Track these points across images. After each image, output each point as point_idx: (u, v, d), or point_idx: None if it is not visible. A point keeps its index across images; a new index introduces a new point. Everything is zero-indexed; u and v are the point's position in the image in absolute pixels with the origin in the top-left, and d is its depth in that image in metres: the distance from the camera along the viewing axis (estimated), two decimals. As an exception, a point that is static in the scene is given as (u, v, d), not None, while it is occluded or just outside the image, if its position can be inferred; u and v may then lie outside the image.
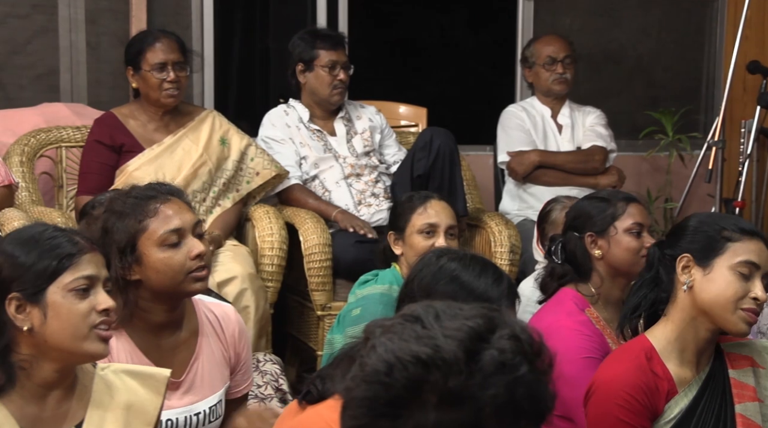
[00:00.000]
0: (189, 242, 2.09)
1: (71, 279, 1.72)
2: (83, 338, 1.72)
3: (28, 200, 3.46)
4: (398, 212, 2.96)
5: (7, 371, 1.71)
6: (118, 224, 2.07)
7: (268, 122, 3.81)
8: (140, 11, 4.15)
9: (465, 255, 1.95)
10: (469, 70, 5.15)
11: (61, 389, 1.76)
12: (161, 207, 2.08)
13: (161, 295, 2.10)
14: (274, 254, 3.42)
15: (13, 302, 1.71)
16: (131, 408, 1.81)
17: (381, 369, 1.10)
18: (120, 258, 2.05)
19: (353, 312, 2.80)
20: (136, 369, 1.88)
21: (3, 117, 3.85)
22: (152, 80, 3.43)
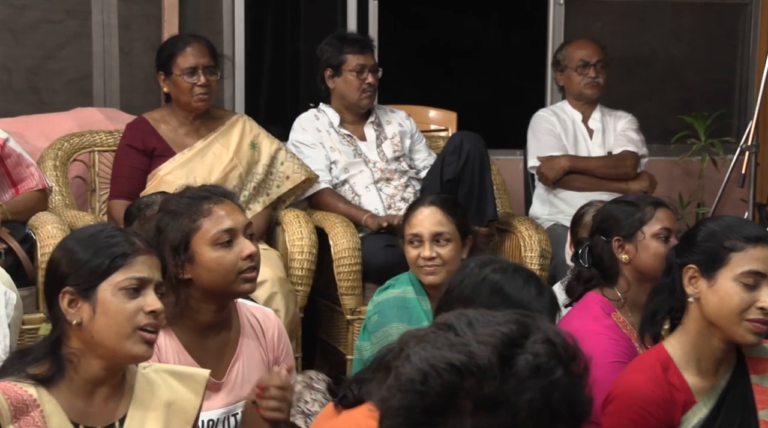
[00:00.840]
0: (240, 243, 2.13)
1: (122, 278, 1.75)
2: (126, 337, 1.75)
3: (62, 203, 3.50)
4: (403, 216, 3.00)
5: (57, 362, 1.75)
6: (172, 223, 2.11)
7: (298, 126, 3.83)
8: (172, 16, 4.18)
9: (508, 267, 1.92)
10: (499, 74, 5.14)
11: (108, 386, 1.79)
12: (214, 208, 2.12)
13: (211, 294, 2.13)
14: (304, 258, 3.43)
15: (67, 296, 1.75)
16: (171, 406, 1.84)
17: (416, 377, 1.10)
18: (173, 257, 2.09)
19: (372, 319, 2.84)
20: (176, 369, 1.91)
21: (37, 122, 3.90)
22: (183, 85, 3.45)
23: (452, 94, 4.87)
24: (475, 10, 5.08)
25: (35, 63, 4.12)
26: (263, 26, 4.63)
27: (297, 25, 4.77)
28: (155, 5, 4.20)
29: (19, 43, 4.08)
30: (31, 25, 4.08)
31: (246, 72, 4.40)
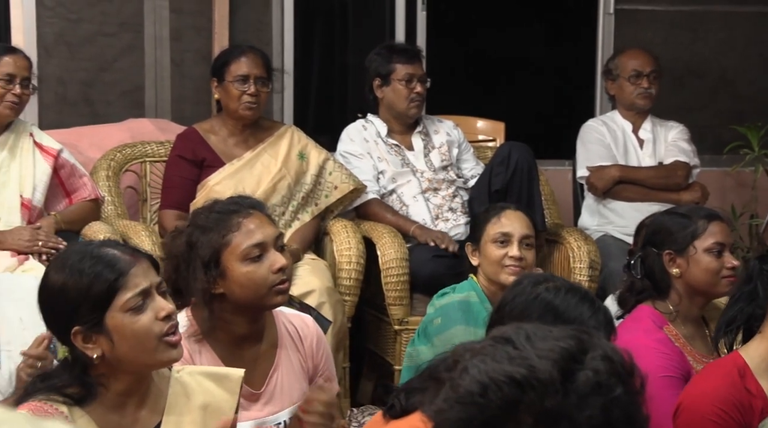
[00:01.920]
0: (271, 256, 2.11)
1: (126, 299, 1.72)
2: (154, 350, 1.74)
3: (114, 213, 3.55)
4: (475, 223, 2.97)
5: (87, 387, 1.73)
6: (202, 238, 2.10)
7: (346, 136, 3.84)
8: (222, 28, 4.23)
9: (562, 286, 1.90)
10: (547, 84, 5.12)
11: (139, 395, 1.79)
12: (243, 221, 2.11)
13: (244, 308, 2.13)
14: (352, 268, 3.43)
15: (78, 335, 1.72)
16: (208, 408, 1.82)
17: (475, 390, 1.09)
18: (204, 272, 2.08)
19: (435, 322, 2.80)
20: (210, 370, 1.90)
21: (91, 132, 3.96)
22: (233, 91, 3.49)
23: (500, 105, 4.86)
24: (524, 20, 5.07)
25: (89, 75, 4.18)
26: (312, 38, 4.66)
27: (345, 36, 4.80)
28: (206, 18, 4.26)
29: (74, 55, 4.15)
30: (86, 38, 4.15)
31: (295, 83, 4.43)
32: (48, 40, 4.09)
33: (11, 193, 3.12)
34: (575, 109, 4.87)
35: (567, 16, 5.09)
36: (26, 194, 3.17)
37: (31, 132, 3.29)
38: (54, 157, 3.28)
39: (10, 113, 3.21)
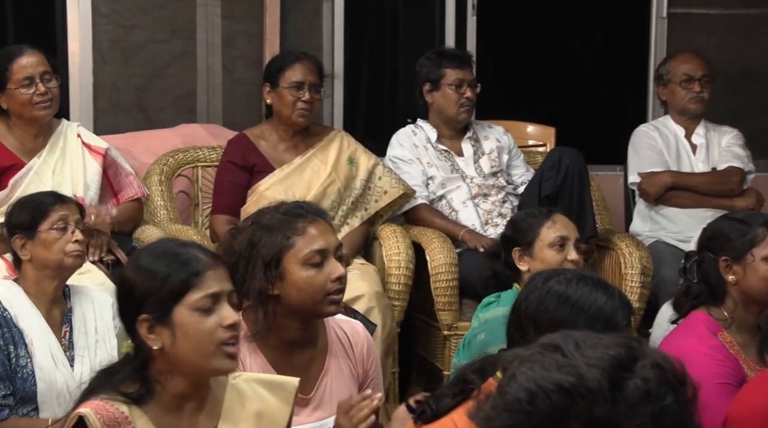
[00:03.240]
0: (331, 264, 2.13)
1: (196, 298, 1.74)
2: (211, 355, 1.75)
3: (166, 218, 3.59)
4: (522, 227, 2.89)
5: (145, 383, 1.77)
6: (266, 238, 2.11)
7: (395, 141, 3.85)
8: (273, 34, 4.26)
9: (573, 276, 1.90)
10: (599, 89, 5.08)
11: (196, 400, 1.80)
12: (308, 226, 2.13)
13: (298, 312, 2.14)
14: (401, 273, 3.44)
15: (144, 323, 1.76)
16: (262, 416, 1.84)
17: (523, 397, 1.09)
18: (264, 272, 2.09)
19: (478, 338, 2.77)
20: (266, 378, 1.91)
21: (144, 138, 4.02)
22: (287, 98, 3.51)
23: (551, 110, 4.83)
24: (575, 24, 5.03)
25: (143, 81, 4.24)
26: (362, 43, 4.68)
27: (395, 41, 4.81)
28: (257, 24, 4.30)
29: (129, 62, 4.21)
30: (140, 44, 4.21)
31: (344, 88, 4.45)
32: (103, 46, 4.16)
33: (66, 194, 3.16)
34: (627, 114, 4.82)
35: (619, 20, 5.04)
36: (79, 194, 3.19)
37: (79, 133, 3.31)
38: (102, 156, 3.30)
39: (47, 113, 3.19)
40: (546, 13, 4.97)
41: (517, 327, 1.89)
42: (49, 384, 2.48)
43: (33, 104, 3.15)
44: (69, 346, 2.56)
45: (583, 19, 5.05)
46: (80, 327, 2.58)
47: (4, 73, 3.14)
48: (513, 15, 4.92)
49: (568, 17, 5.02)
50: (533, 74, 5.01)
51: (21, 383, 2.45)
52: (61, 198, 2.63)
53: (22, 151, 3.20)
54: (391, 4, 4.81)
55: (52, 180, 3.18)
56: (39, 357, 2.48)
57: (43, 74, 3.16)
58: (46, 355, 2.49)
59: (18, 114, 3.18)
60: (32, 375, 2.46)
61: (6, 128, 3.21)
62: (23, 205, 2.61)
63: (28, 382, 2.46)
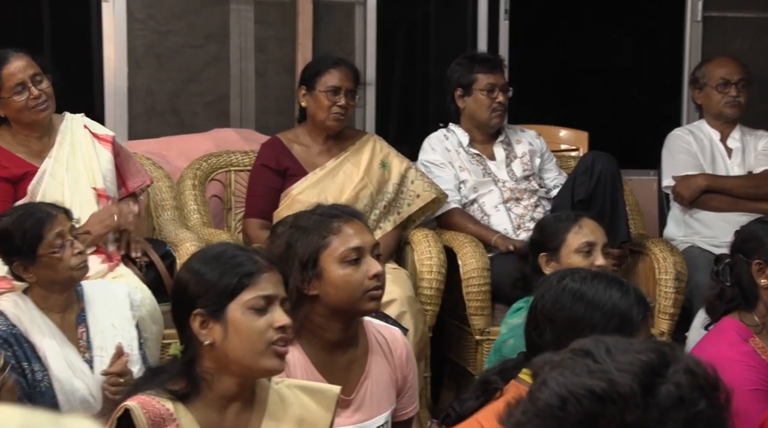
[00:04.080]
0: (368, 262, 2.15)
1: (250, 297, 1.79)
2: (260, 354, 1.79)
3: (199, 222, 3.61)
4: (549, 232, 2.87)
5: (192, 381, 1.80)
6: (302, 239, 2.15)
7: (428, 146, 3.85)
8: (306, 39, 4.28)
9: (587, 274, 1.92)
10: (632, 92, 5.05)
11: (241, 401, 1.83)
12: (344, 226, 2.16)
13: (337, 312, 2.16)
14: (433, 277, 3.44)
15: (198, 318, 1.80)
16: (303, 422, 1.86)
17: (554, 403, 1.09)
18: (301, 272, 2.12)
19: (508, 343, 2.77)
20: (308, 385, 1.93)
21: (178, 142, 4.05)
22: (323, 102, 3.52)
23: (583, 114, 4.81)
24: (609, 28, 5.01)
25: (177, 86, 4.28)
26: (394, 48, 4.69)
27: (427, 46, 4.81)
28: (290, 29, 4.32)
29: (163, 67, 4.25)
30: (174, 49, 4.25)
31: (376, 93, 4.46)
32: (138, 52, 4.20)
33: (84, 188, 3.13)
34: (661, 118, 4.79)
35: (654, 23, 5.02)
36: (99, 185, 3.17)
37: (85, 124, 3.27)
38: (111, 143, 3.27)
39: (45, 115, 3.14)
40: (579, 16, 4.95)
41: (534, 326, 1.90)
42: (69, 394, 2.46)
43: (29, 109, 3.10)
44: (87, 347, 2.54)
45: (617, 22, 5.03)
46: (95, 326, 2.55)
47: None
48: (546, 19, 4.91)
49: (602, 21, 5.00)
50: (566, 78, 4.99)
51: (40, 397, 2.43)
52: (48, 214, 2.51)
53: (31, 155, 3.17)
54: (423, 8, 4.82)
55: (67, 177, 3.15)
56: (55, 369, 2.45)
57: (33, 77, 3.10)
58: (61, 366, 2.46)
59: (17, 120, 3.15)
60: (50, 388, 2.44)
61: (10, 135, 3.18)
62: (14, 232, 2.48)
63: (47, 395, 2.44)
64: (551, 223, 2.90)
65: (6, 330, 2.43)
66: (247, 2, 4.29)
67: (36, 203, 2.70)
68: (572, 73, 4.98)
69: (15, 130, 3.18)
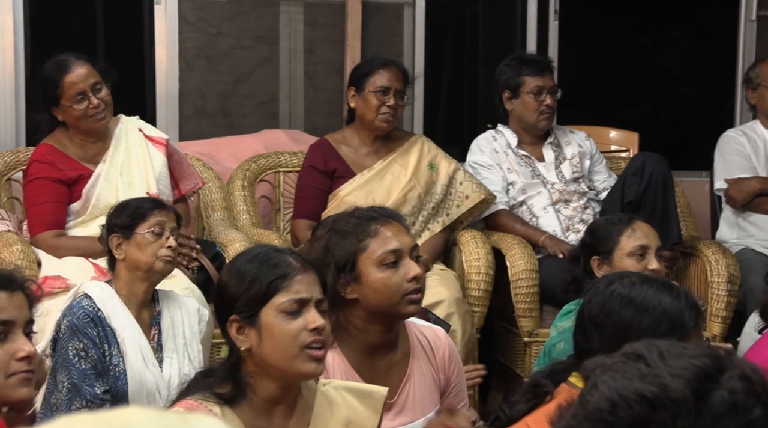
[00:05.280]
0: (406, 264, 2.13)
1: (283, 301, 1.78)
2: (294, 357, 1.78)
3: (248, 222, 3.64)
4: (601, 235, 2.82)
5: (237, 384, 1.80)
6: (340, 242, 2.14)
7: (476, 147, 3.84)
8: (355, 41, 4.30)
9: (637, 278, 1.88)
10: (684, 93, 4.98)
11: (286, 404, 1.83)
12: (381, 228, 2.14)
13: (377, 315, 2.15)
14: (481, 279, 3.43)
15: (234, 324, 1.80)
16: (350, 424, 1.86)
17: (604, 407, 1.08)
18: (338, 275, 2.12)
19: (557, 347, 2.75)
20: (355, 387, 1.93)
21: (227, 143, 4.08)
22: (372, 102, 3.53)
23: (634, 115, 4.76)
24: (660, 27, 4.95)
25: (227, 88, 4.31)
26: (442, 48, 4.68)
27: (475, 47, 4.79)
28: (339, 30, 4.33)
29: (213, 69, 4.29)
30: (225, 51, 4.29)
31: (425, 94, 4.46)
32: (189, 54, 4.24)
33: (139, 192, 3.17)
34: (713, 118, 4.72)
35: (706, 23, 4.95)
36: (152, 190, 3.22)
37: (140, 127, 3.32)
38: (165, 146, 3.32)
39: (102, 123, 3.19)
40: (629, 16, 4.90)
41: (581, 331, 1.88)
42: (139, 383, 2.54)
43: (88, 117, 3.16)
44: (157, 348, 2.62)
45: (669, 21, 4.97)
46: (168, 330, 2.64)
47: (56, 89, 3.14)
48: (595, 19, 4.87)
49: (653, 20, 4.94)
50: (616, 79, 4.95)
51: (113, 381, 2.52)
52: (160, 205, 2.70)
53: (86, 158, 3.23)
54: (471, 9, 4.81)
55: (121, 181, 3.21)
56: (130, 357, 2.54)
57: (93, 86, 3.15)
58: (137, 355, 2.55)
59: (75, 126, 3.20)
60: (124, 374, 2.53)
61: (67, 138, 3.23)
62: (124, 207, 2.67)
63: (120, 380, 2.53)
64: (604, 226, 2.86)
65: (92, 311, 2.53)
66: (297, 4, 4.31)
67: (155, 198, 2.87)
68: (623, 74, 4.94)
69: (72, 133, 3.23)
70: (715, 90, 4.89)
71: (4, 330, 1.70)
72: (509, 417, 1.73)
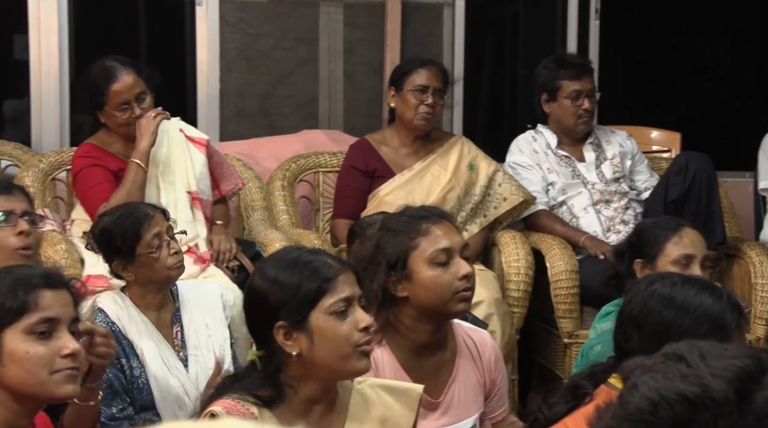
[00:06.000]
0: (457, 263, 2.14)
1: (331, 303, 1.79)
2: (348, 357, 1.80)
3: (288, 222, 3.65)
4: (647, 238, 2.78)
5: (277, 389, 1.81)
6: (391, 240, 2.15)
7: (515, 147, 3.82)
8: (394, 41, 4.30)
9: (678, 279, 1.87)
10: (727, 92, 4.93)
11: (324, 403, 1.84)
12: (432, 227, 2.15)
13: (427, 313, 2.15)
14: (521, 279, 3.41)
15: (281, 330, 1.80)
16: (386, 422, 1.86)
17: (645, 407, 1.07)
18: (389, 273, 2.13)
19: (595, 349, 2.72)
20: (390, 385, 1.93)
21: (267, 144, 4.11)
22: (411, 101, 3.53)
23: (676, 115, 4.72)
24: (702, 27, 4.90)
25: (267, 88, 4.34)
26: (482, 49, 4.67)
27: (515, 47, 4.78)
28: (378, 30, 4.34)
29: (253, 69, 4.31)
30: (265, 52, 4.31)
31: (464, 94, 4.45)
32: (230, 55, 4.27)
33: (179, 191, 3.21)
34: (757, 118, 4.66)
35: (749, 22, 4.89)
36: (192, 189, 3.24)
37: (181, 127, 3.34)
38: (205, 146, 3.34)
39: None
40: (671, 15, 4.86)
41: (622, 331, 1.87)
42: (165, 391, 2.51)
43: (129, 125, 3.19)
44: (182, 346, 2.59)
45: (711, 20, 4.92)
46: (190, 326, 2.61)
47: (101, 96, 3.17)
48: (637, 18, 4.83)
49: (695, 20, 4.89)
50: (658, 78, 4.90)
51: (138, 393, 2.49)
52: (146, 214, 2.57)
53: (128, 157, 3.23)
54: (511, 9, 4.79)
55: (162, 181, 3.23)
56: (151, 366, 2.51)
57: (138, 96, 3.18)
58: (158, 363, 2.52)
59: (116, 130, 3.24)
60: (147, 385, 2.50)
61: (109, 138, 3.27)
62: (113, 232, 2.56)
63: (145, 391, 2.50)
64: (651, 229, 2.81)
65: (106, 327, 2.47)
66: (337, 5, 4.33)
67: (135, 204, 2.78)
68: (665, 73, 4.89)
69: (112, 134, 3.27)
70: (759, 89, 4.83)
71: (49, 327, 1.72)
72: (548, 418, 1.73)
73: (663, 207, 3.47)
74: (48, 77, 4.01)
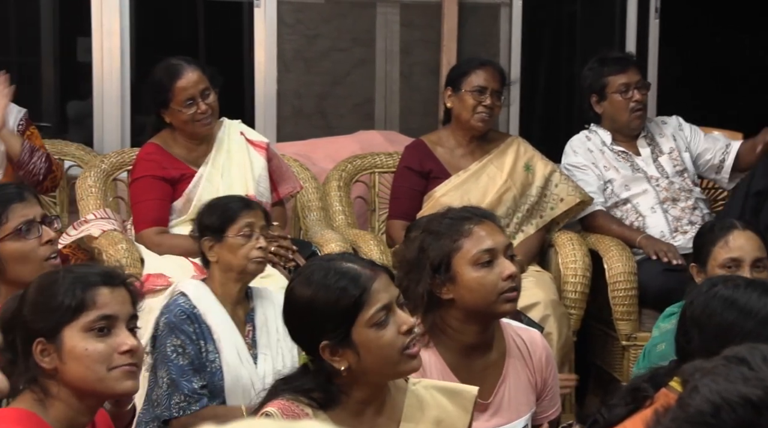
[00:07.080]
0: (501, 263, 2.13)
1: (370, 315, 1.79)
2: (396, 362, 1.80)
3: (344, 223, 3.67)
4: (700, 242, 2.78)
5: (330, 394, 1.82)
6: (434, 243, 2.14)
7: (569, 149, 3.80)
8: (451, 41, 4.29)
9: (741, 281, 1.86)
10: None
11: (377, 404, 1.85)
12: (475, 228, 2.14)
13: (473, 315, 2.15)
14: (578, 281, 3.39)
15: (326, 349, 1.80)
16: (441, 424, 1.86)
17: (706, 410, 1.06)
18: (433, 275, 2.12)
19: (658, 348, 2.70)
20: (445, 386, 1.93)
21: (324, 144, 4.13)
22: (468, 102, 3.52)
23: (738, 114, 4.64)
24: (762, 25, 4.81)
25: (324, 89, 4.36)
26: (539, 48, 4.64)
27: (573, 46, 4.74)
28: (435, 31, 4.33)
29: (310, 70, 4.34)
30: (322, 53, 4.34)
31: (521, 94, 4.43)
32: (287, 56, 4.30)
33: (238, 193, 3.26)
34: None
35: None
36: (251, 192, 3.27)
37: (241, 130, 3.38)
38: (265, 149, 3.38)
39: (208, 128, 3.28)
40: (732, 13, 4.78)
41: (683, 332, 1.86)
42: (235, 378, 2.58)
43: (194, 121, 3.24)
44: (252, 344, 2.66)
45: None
46: (262, 327, 2.68)
47: (167, 93, 3.23)
48: (698, 17, 4.76)
49: (756, 17, 4.80)
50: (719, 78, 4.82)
51: (210, 377, 2.58)
52: (248, 204, 2.73)
53: (189, 159, 3.31)
54: (569, 8, 4.75)
55: (222, 183, 3.28)
56: (226, 353, 2.59)
57: (203, 92, 3.23)
58: (232, 351, 2.60)
59: (181, 128, 3.29)
60: (220, 370, 2.58)
61: (172, 139, 3.32)
62: (213, 208, 2.72)
63: (217, 376, 2.58)
64: (704, 232, 2.81)
65: (188, 309, 2.59)
66: (393, 5, 4.33)
67: (243, 197, 2.90)
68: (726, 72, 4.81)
69: (177, 135, 3.33)
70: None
71: (107, 324, 1.75)
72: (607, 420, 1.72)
73: (744, 198, 3.38)
74: (110, 79, 4.08)
